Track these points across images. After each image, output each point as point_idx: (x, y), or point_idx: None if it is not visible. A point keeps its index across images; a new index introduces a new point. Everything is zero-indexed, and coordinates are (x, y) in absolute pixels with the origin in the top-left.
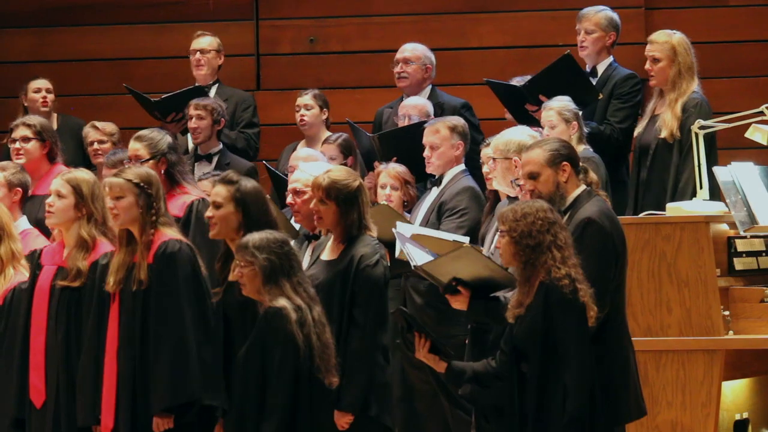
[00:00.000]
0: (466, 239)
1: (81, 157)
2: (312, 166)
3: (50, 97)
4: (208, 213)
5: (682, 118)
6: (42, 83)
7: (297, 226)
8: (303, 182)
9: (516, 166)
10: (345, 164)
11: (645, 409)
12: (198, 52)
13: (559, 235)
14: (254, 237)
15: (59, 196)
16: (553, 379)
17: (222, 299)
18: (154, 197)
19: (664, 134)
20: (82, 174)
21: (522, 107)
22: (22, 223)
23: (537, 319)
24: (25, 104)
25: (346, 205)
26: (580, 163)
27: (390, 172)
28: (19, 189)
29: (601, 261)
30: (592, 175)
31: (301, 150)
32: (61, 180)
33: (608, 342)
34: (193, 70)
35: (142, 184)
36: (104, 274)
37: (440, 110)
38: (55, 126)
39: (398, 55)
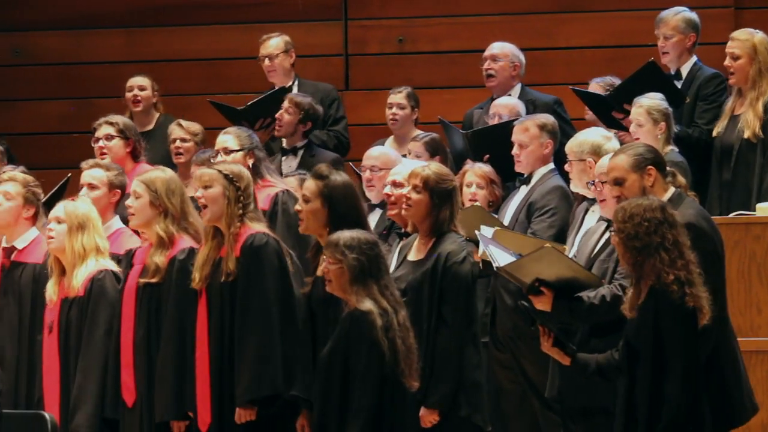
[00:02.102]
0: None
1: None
2: (415, 162)
3: (143, 94)
4: (297, 207)
5: (764, 117)
6: (135, 81)
7: (373, 224)
8: (403, 176)
9: (590, 168)
10: None
11: (757, 404)
12: (266, 59)
13: (667, 235)
14: (345, 235)
15: (136, 196)
16: (661, 383)
17: (309, 292)
18: (243, 191)
19: (747, 134)
20: (156, 172)
21: (610, 114)
22: (115, 222)
23: (647, 323)
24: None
25: (439, 200)
26: (668, 167)
27: (476, 171)
28: (118, 191)
29: (706, 264)
30: (680, 179)
31: (374, 149)
32: (136, 181)
33: (717, 344)
34: (267, 76)
35: (231, 177)
36: (182, 270)
37: (532, 107)
38: (152, 125)
39: (486, 53)
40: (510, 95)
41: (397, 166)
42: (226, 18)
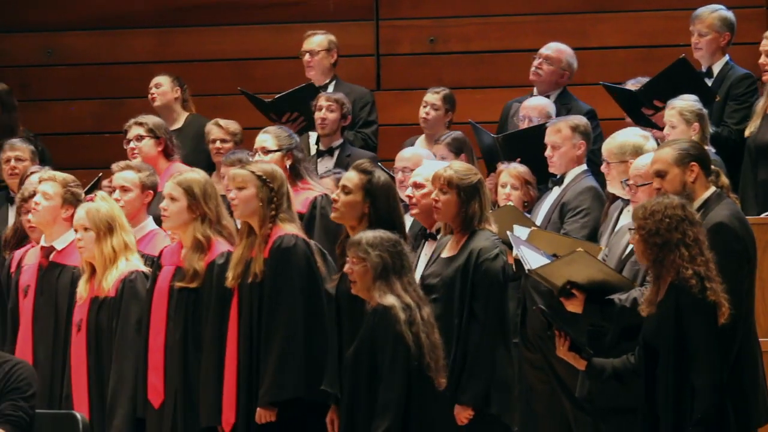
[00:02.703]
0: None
1: (205, 155)
2: (437, 163)
3: (158, 91)
4: (334, 196)
5: None
6: (154, 80)
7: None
8: (425, 176)
9: None
10: None
11: None
12: (307, 54)
13: (688, 232)
14: (368, 235)
15: (172, 199)
16: (685, 379)
17: (336, 287)
18: (276, 192)
19: None
20: (193, 174)
21: (639, 111)
22: (149, 224)
23: (668, 320)
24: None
25: (466, 196)
26: (712, 166)
27: (511, 171)
28: (151, 191)
29: (732, 265)
30: (724, 179)
31: (406, 150)
32: (172, 183)
33: (740, 346)
34: (306, 72)
35: (264, 178)
36: (222, 275)
37: (566, 112)
38: (180, 124)
39: (541, 50)
40: (549, 96)
41: (417, 168)
42: (257, 18)
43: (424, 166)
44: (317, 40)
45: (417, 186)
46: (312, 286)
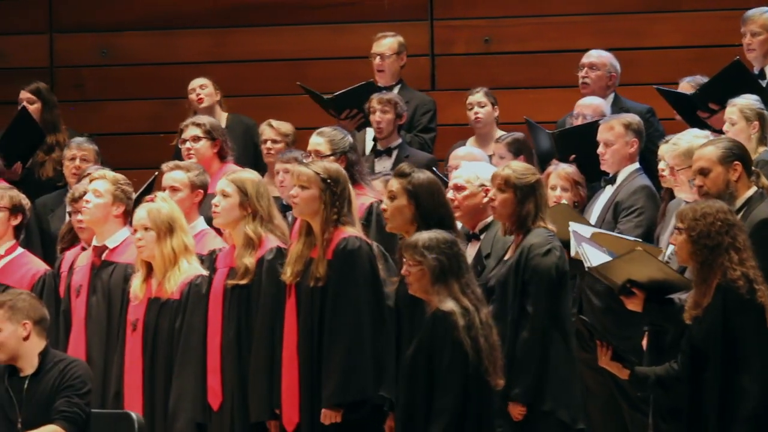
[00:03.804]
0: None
1: (250, 156)
2: (475, 163)
3: (204, 92)
4: (383, 205)
5: None
6: (196, 82)
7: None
8: (465, 178)
9: None
10: None
11: None
12: (378, 57)
13: (738, 237)
14: (423, 236)
15: (224, 195)
16: (734, 381)
17: (396, 290)
18: (339, 195)
19: None
20: (247, 173)
21: (694, 113)
22: (199, 223)
23: (716, 322)
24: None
25: (522, 195)
26: (753, 167)
27: (560, 173)
28: (201, 191)
29: None
30: (764, 180)
31: (460, 149)
32: (226, 180)
33: None
34: (375, 74)
35: (328, 180)
36: (271, 269)
37: None
38: (224, 124)
39: (584, 60)
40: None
41: (457, 170)
42: (312, 18)
43: (464, 167)
44: (388, 44)
45: (458, 188)
46: (376, 289)
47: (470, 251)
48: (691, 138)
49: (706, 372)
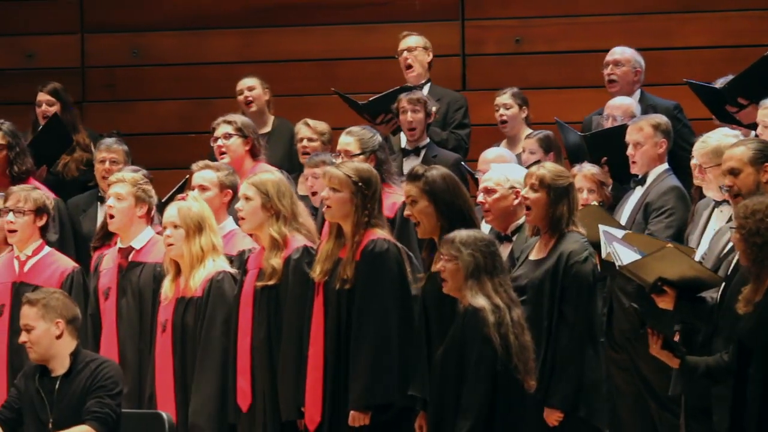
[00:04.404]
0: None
1: (296, 159)
2: (504, 165)
3: (253, 94)
4: (407, 211)
5: None
6: (244, 83)
7: (487, 228)
8: (495, 181)
9: None
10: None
11: None
12: (405, 51)
13: None
14: (461, 233)
15: (246, 198)
16: None
17: (423, 287)
18: (370, 197)
19: None
20: (267, 175)
21: (723, 108)
22: (229, 224)
23: (764, 318)
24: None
25: (555, 196)
26: None
27: (585, 174)
28: (230, 191)
29: None
30: None
31: (490, 151)
32: (246, 183)
33: None
34: (404, 72)
35: (360, 183)
36: (298, 268)
37: (652, 111)
38: (269, 128)
39: (608, 58)
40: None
41: (487, 173)
42: (342, 18)
43: (493, 170)
44: (414, 39)
45: (488, 191)
46: (403, 291)
47: (502, 253)
48: (721, 136)
49: (750, 366)
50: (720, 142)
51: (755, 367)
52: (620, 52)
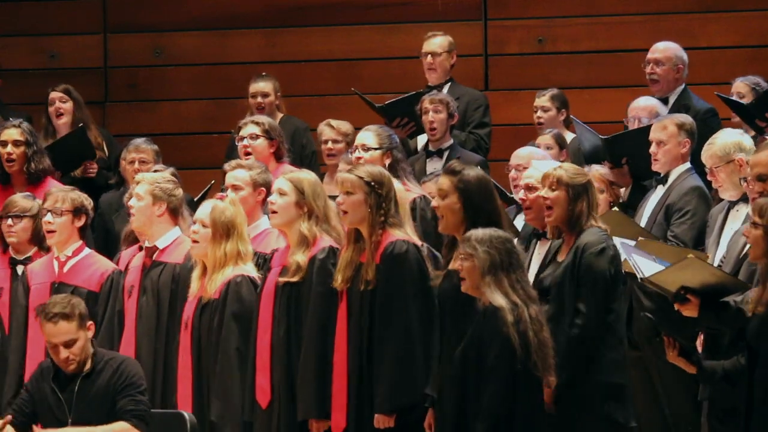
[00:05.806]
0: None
1: (297, 158)
2: (546, 162)
3: (266, 101)
4: (434, 203)
5: None
6: (257, 87)
7: (520, 226)
8: (536, 178)
9: (741, 165)
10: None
11: None
12: (429, 55)
13: None
14: (478, 232)
15: (281, 194)
16: None
17: (439, 285)
18: (384, 198)
19: None
20: (304, 173)
21: (754, 121)
22: (263, 222)
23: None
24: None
25: (574, 194)
26: None
27: (594, 174)
28: (263, 189)
29: None
30: None
31: (522, 149)
32: (283, 179)
33: None
34: (426, 73)
35: (373, 184)
36: (322, 269)
37: (684, 111)
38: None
39: (649, 55)
40: (669, 97)
41: (528, 170)
42: (364, 18)
43: (535, 167)
44: (439, 42)
45: (529, 188)
46: (425, 292)
47: (540, 250)
48: (725, 137)
49: (756, 371)
50: (725, 141)
51: (760, 370)
52: (662, 50)
